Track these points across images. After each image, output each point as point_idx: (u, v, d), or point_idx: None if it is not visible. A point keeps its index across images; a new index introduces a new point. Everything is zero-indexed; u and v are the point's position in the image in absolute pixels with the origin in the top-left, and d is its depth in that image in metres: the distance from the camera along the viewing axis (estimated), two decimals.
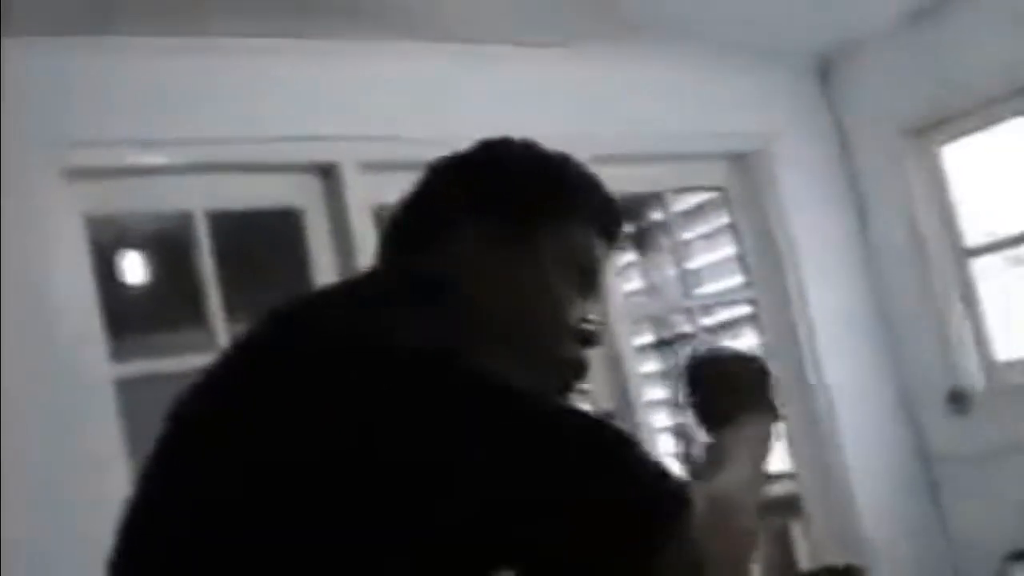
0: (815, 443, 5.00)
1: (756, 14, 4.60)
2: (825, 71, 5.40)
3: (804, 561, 5.12)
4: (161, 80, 3.62)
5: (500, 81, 4.41)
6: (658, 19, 4.47)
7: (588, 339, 1.62)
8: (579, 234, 1.63)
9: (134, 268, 4.89)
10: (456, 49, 4.28)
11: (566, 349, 1.59)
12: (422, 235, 1.62)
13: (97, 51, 3.59)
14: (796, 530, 5.13)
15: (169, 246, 4.27)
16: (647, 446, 4.32)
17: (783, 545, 5.12)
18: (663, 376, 6.08)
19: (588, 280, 1.64)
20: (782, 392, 4.87)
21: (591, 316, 1.63)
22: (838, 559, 4.76)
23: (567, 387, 1.62)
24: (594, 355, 4.35)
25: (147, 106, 3.58)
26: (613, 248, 1.71)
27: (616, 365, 4.58)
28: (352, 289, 1.63)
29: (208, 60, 3.67)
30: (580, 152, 4.64)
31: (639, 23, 4.47)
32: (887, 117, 5.19)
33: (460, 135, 4.21)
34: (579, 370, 1.62)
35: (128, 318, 4.04)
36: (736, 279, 5.26)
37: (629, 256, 6.02)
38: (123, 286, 4.72)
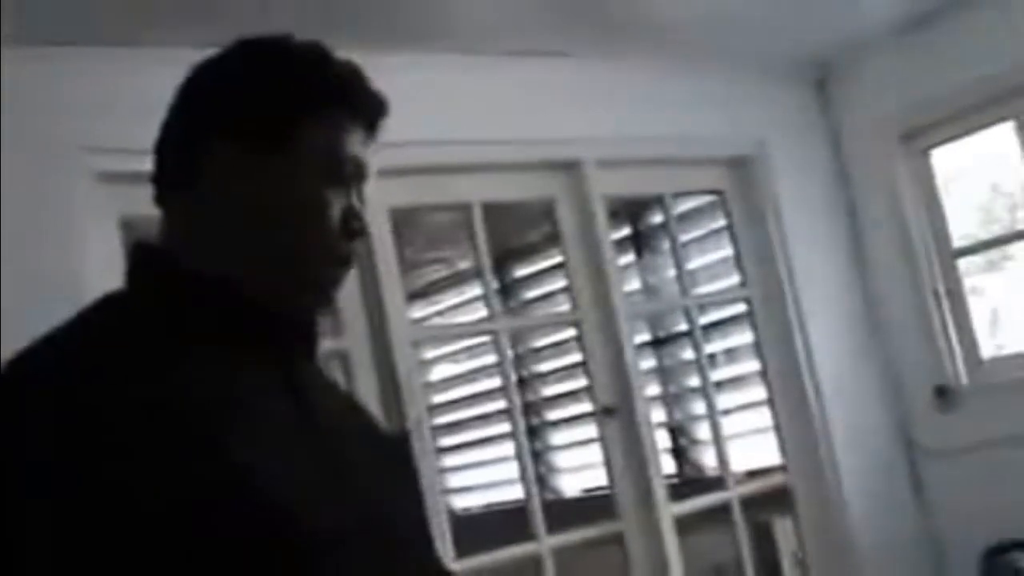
0: (805, 437, 5.10)
1: (753, 23, 4.66)
2: (820, 78, 5.48)
3: (787, 556, 5.20)
4: None
5: (505, 88, 4.47)
6: (658, 28, 4.53)
7: (353, 232, 1.57)
8: (339, 127, 1.57)
9: None
10: (459, 59, 4.35)
11: (328, 243, 1.55)
12: (176, 176, 1.58)
13: (131, 60, 3.65)
14: (782, 525, 5.23)
15: None
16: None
17: (766, 541, 5.22)
18: (660, 373, 6.23)
19: (351, 173, 1.58)
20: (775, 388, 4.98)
21: (356, 207, 1.58)
22: (821, 551, 4.83)
23: (334, 280, 1.59)
24: (596, 352, 4.49)
25: None
26: (375, 135, 1.63)
27: (616, 362, 4.66)
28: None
29: None
30: (584, 155, 4.78)
31: (639, 32, 4.55)
32: (879, 122, 5.28)
33: (462, 139, 4.35)
34: (342, 262, 1.58)
35: None
36: (732, 279, 5.33)
37: (629, 257, 6.15)
38: None
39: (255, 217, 1.53)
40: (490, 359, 5.42)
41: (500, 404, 5.09)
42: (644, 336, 6.07)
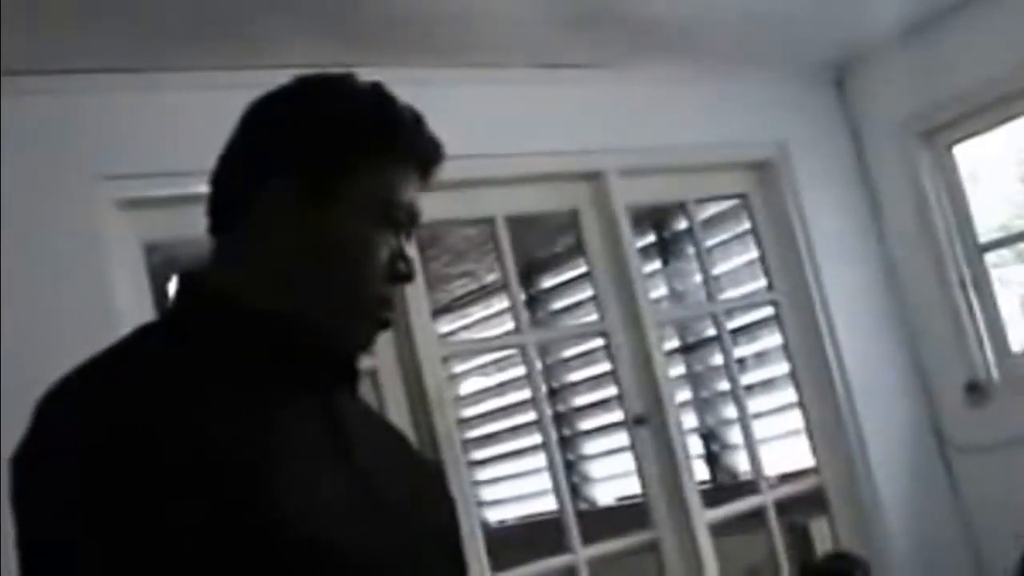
0: (837, 438, 5.09)
1: (770, 26, 4.66)
2: (839, 79, 5.48)
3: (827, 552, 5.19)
4: (213, 112, 3.70)
5: (524, 101, 4.49)
6: (674, 36, 4.54)
7: (400, 277, 1.59)
8: (395, 173, 1.59)
9: None
10: (478, 73, 4.38)
11: (375, 286, 1.57)
12: (230, 208, 1.60)
13: (152, 86, 3.68)
14: (818, 526, 5.21)
15: None
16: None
17: (803, 543, 5.21)
18: (690, 379, 6.22)
19: (403, 218, 1.60)
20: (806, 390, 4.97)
21: (405, 252, 1.60)
22: (857, 551, 4.78)
23: (380, 324, 1.60)
24: (625, 361, 4.49)
25: (199, 137, 3.61)
26: (429, 180, 1.65)
27: (646, 370, 4.66)
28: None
29: (258, 92, 3.74)
30: (606, 165, 4.78)
31: (656, 41, 4.56)
32: (900, 120, 5.27)
33: (484, 153, 4.34)
34: (386, 306, 1.59)
35: None
36: (759, 282, 5.34)
37: (655, 264, 6.15)
38: None
39: (305, 256, 1.55)
40: (519, 371, 5.42)
41: (531, 416, 5.09)
42: (673, 343, 6.07)
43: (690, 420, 5.99)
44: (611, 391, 5.06)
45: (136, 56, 3.65)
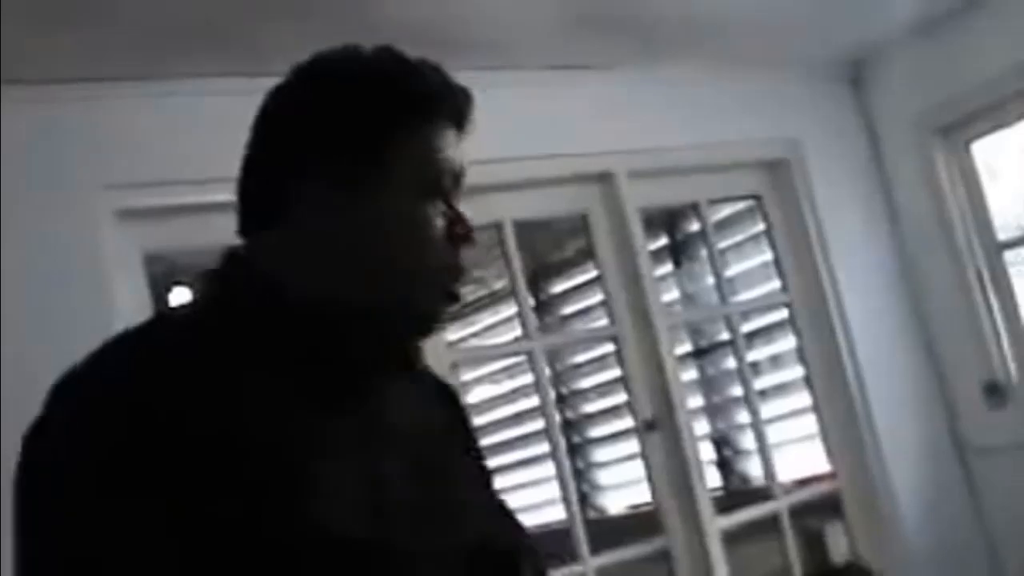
0: (853, 442, 5.06)
1: (784, 25, 4.65)
2: (854, 77, 5.46)
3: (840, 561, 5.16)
4: (214, 120, 3.66)
5: (533, 103, 4.46)
6: (686, 36, 4.52)
7: (461, 239, 1.51)
8: (430, 136, 1.50)
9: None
10: (484, 75, 4.34)
11: (439, 258, 1.49)
12: (264, 209, 1.51)
13: (152, 94, 3.68)
14: (834, 532, 5.17)
15: None
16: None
17: (817, 548, 5.17)
18: (702, 384, 6.16)
19: (450, 179, 1.52)
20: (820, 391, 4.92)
21: (461, 214, 1.52)
22: (874, 556, 4.78)
23: (451, 295, 1.52)
24: (635, 366, 4.44)
25: (200, 146, 3.60)
26: (466, 130, 1.56)
27: (657, 374, 4.63)
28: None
29: (257, 100, 3.71)
30: (616, 167, 4.73)
31: (667, 41, 4.54)
32: (916, 118, 5.24)
33: (492, 157, 4.31)
34: (456, 274, 1.51)
35: None
36: (773, 284, 5.30)
37: (667, 267, 6.09)
38: None
39: (358, 246, 1.46)
40: (529, 379, 5.35)
41: (540, 424, 5.03)
42: (685, 347, 6.01)
43: (702, 425, 5.94)
44: (621, 397, 5.00)
45: (137, 65, 3.64)
